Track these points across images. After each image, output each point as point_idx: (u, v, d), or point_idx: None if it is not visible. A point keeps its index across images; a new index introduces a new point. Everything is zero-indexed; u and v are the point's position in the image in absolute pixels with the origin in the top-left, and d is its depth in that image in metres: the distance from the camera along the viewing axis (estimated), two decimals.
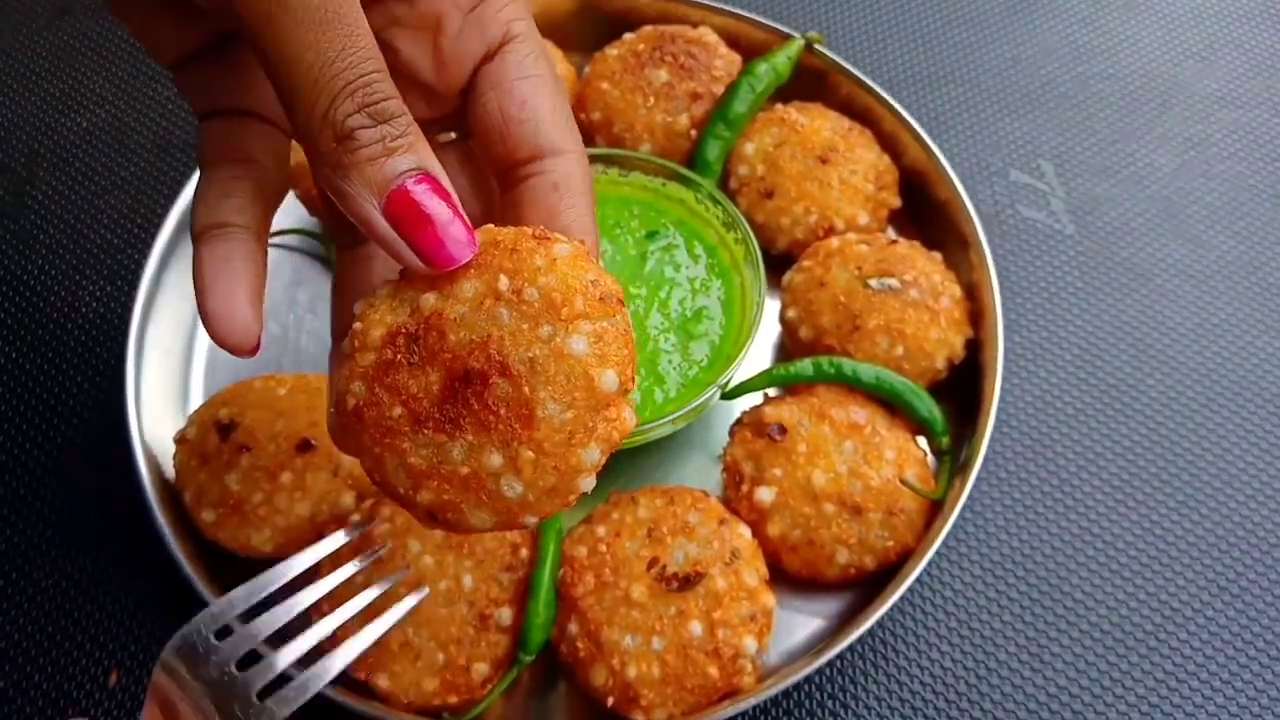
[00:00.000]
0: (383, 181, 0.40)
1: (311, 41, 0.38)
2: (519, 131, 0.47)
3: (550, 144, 0.47)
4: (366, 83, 0.39)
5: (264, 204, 0.48)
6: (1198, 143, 1.04)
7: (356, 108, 0.39)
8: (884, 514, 0.73)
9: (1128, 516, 0.81)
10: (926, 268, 0.83)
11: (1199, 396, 0.87)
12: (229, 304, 0.44)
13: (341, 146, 0.39)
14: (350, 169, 0.40)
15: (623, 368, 0.41)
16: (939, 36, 1.12)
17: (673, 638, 0.68)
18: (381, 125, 0.40)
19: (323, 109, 0.39)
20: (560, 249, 0.43)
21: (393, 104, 0.40)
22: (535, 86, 0.48)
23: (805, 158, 0.89)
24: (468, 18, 0.47)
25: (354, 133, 0.39)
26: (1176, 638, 0.76)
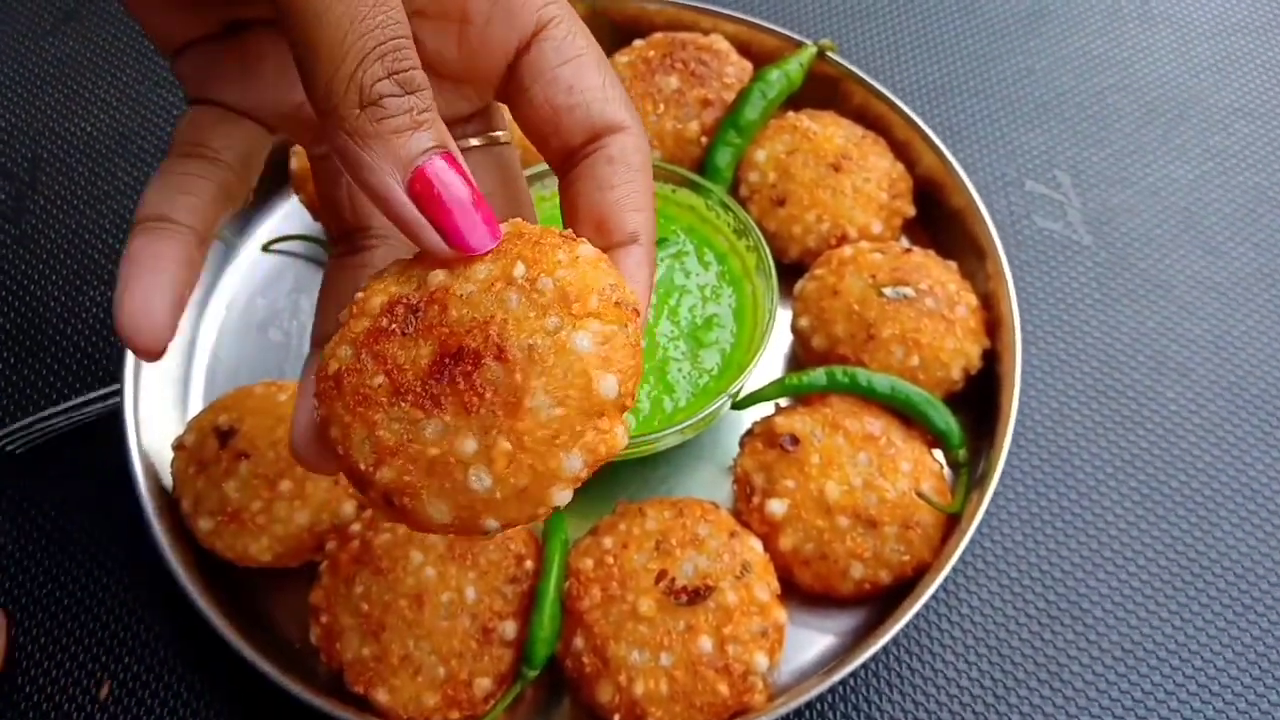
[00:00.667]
0: (408, 156, 0.37)
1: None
2: (570, 119, 0.44)
3: (605, 122, 0.44)
4: (396, 47, 0.37)
5: (217, 209, 0.45)
6: (1216, 154, 1.03)
7: (386, 73, 0.37)
8: (899, 527, 0.71)
9: (1148, 532, 0.79)
10: (942, 276, 0.81)
11: (1220, 409, 0.86)
12: (145, 303, 0.42)
13: (366, 114, 0.37)
14: (374, 139, 0.37)
15: (625, 377, 0.38)
16: (952, 47, 1.11)
17: (681, 653, 0.66)
18: (409, 95, 0.37)
19: (349, 70, 0.36)
20: (585, 249, 0.40)
21: (419, 75, 0.38)
22: (579, 68, 0.44)
23: (817, 165, 0.87)
24: (495, 6, 0.44)
25: (382, 100, 0.37)
26: (1200, 657, 0.74)
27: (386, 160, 0.37)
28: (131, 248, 0.43)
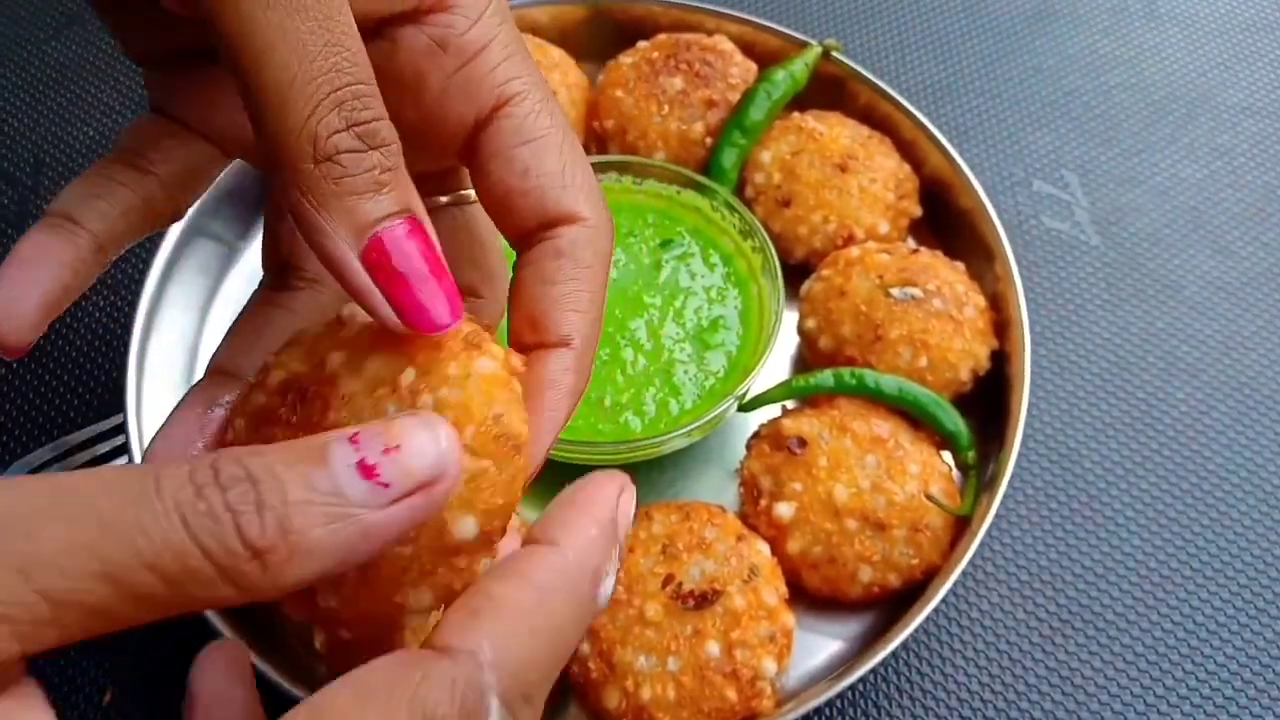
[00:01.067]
0: (365, 221, 0.33)
1: (289, 29, 0.31)
2: (524, 203, 0.40)
3: (559, 211, 0.40)
4: (356, 94, 0.32)
5: (132, 223, 0.43)
6: (1224, 153, 1.02)
7: (344, 124, 0.32)
8: (909, 530, 0.70)
9: (1160, 534, 0.79)
10: (950, 277, 0.80)
11: (1232, 410, 0.85)
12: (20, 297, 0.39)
13: (321, 170, 0.32)
14: (329, 200, 0.32)
15: (489, 518, 0.35)
16: (958, 46, 1.10)
17: (689, 658, 0.65)
18: (372, 151, 0.33)
19: (301, 119, 0.32)
20: (484, 364, 0.36)
21: (384, 126, 0.34)
22: (538, 150, 0.40)
23: (823, 165, 0.87)
24: (452, 79, 0.40)
25: (339, 155, 0.32)
26: (1214, 660, 0.73)
27: (342, 225, 0.33)
28: (24, 241, 0.40)
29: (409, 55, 0.39)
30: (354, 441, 0.30)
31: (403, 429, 0.31)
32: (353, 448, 0.30)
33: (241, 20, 0.31)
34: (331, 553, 0.29)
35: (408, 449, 0.30)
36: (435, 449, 0.31)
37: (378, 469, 0.30)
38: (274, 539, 0.28)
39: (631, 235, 0.83)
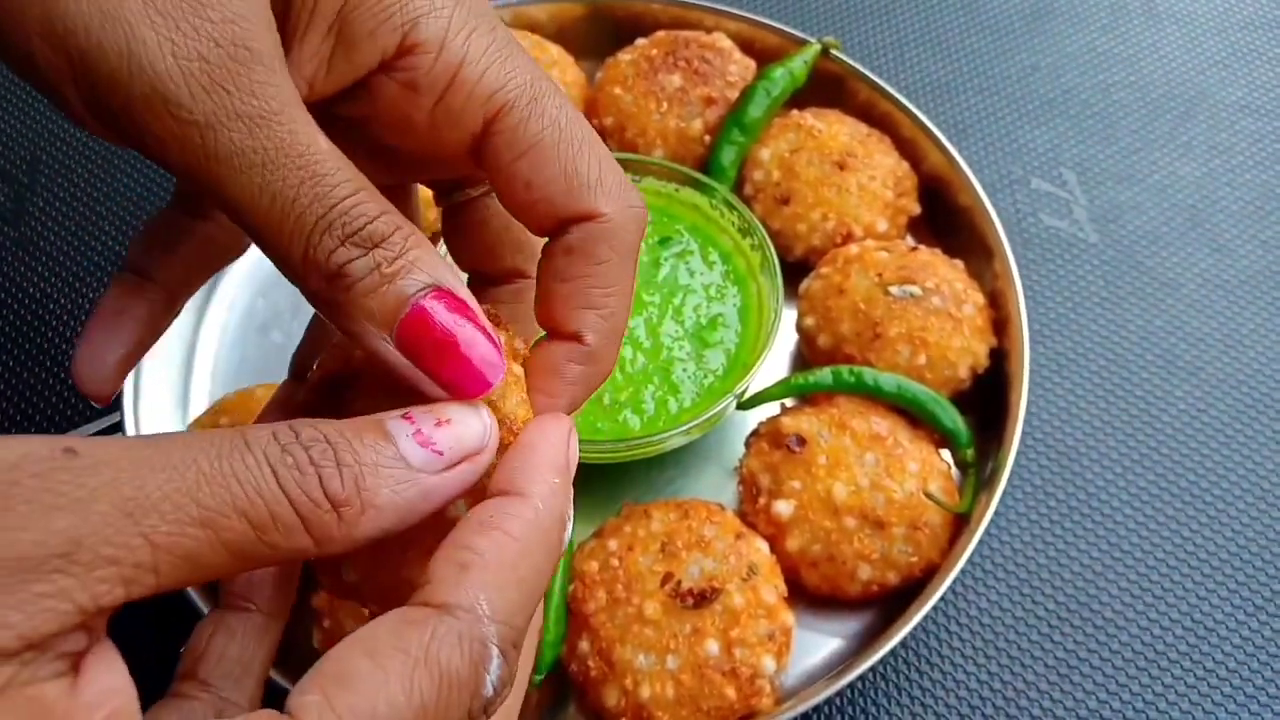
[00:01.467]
0: (388, 312, 0.35)
1: (262, 186, 0.34)
2: (535, 213, 0.41)
3: (568, 213, 0.40)
4: (343, 210, 0.34)
5: (198, 267, 0.46)
6: (1222, 151, 1.02)
7: (338, 241, 0.34)
8: (908, 528, 0.70)
9: (1159, 532, 0.79)
10: (949, 275, 0.80)
11: (1230, 408, 0.85)
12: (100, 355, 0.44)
13: (333, 285, 0.35)
14: (349, 306, 0.35)
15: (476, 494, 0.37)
16: (957, 44, 1.10)
17: (688, 657, 0.65)
18: (374, 250, 0.34)
19: (299, 252, 0.34)
20: None
21: (381, 223, 0.35)
22: (534, 160, 0.40)
23: (822, 163, 0.87)
24: (434, 113, 0.40)
25: (342, 269, 0.34)
26: (1212, 658, 0.73)
27: (365, 322, 0.35)
28: (105, 294, 0.45)
29: (387, 102, 0.40)
30: (407, 418, 0.34)
31: (450, 408, 0.35)
32: (407, 423, 0.34)
33: (223, 187, 0.34)
34: (396, 511, 0.33)
35: (457, 423, 0.35)
36: (480, 423, 0.35)
37: (433, 438, 0.34)
38: (350, 494, 0.31)
39: None
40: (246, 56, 0.34)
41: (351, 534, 0.32)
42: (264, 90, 0.34)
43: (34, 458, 0.27)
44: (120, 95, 0.33)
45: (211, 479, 0.29)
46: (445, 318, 0.35)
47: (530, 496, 0.36)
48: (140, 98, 0.33)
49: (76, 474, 0.27)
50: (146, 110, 0.33)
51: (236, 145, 0.33)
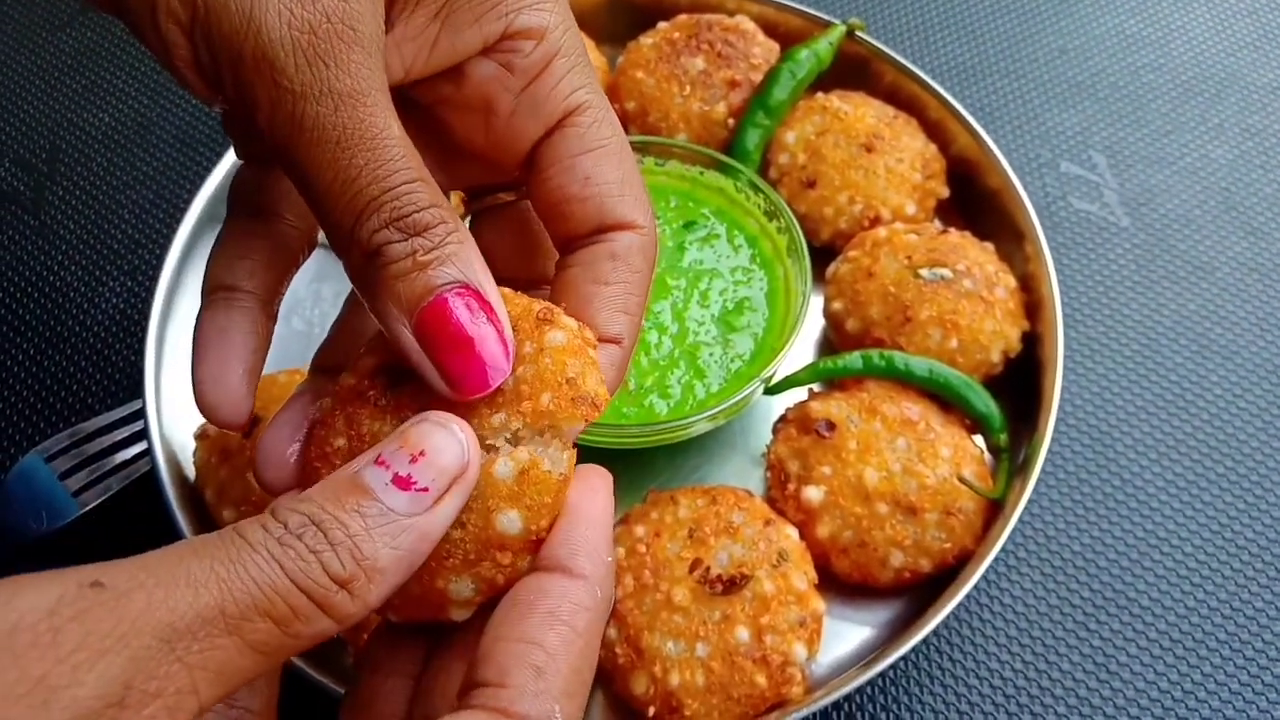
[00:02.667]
0: (412, 298, 0.37)
1: (330, 161, 0.36)
2: (582, 209, 0.43)
3: (615, 218, 0.43)
4: (395, 195, 0.37)
5: (279, 269, 0.46)
6: (1255, 133, 1.00)
7: (383, 223, 0.36)
8: (940, 514, 0.69)
9: (1195, 519, 0.77)
10: (979, 258, 0.79)
11: (1267, 393, 0.83)
12: (221, 377, 0.43)
13: (369, 263, 0.37)
14: (378, 285, 0.37)
15: (535, 515, 0.37)
16: (984, 26, 1.09)
17: (718, 644, 0.64)
18: (414, 238, 0.37)
19: (348, 227, 0.37)
20: (555, 336, 0.39)
21: (429, 214, 0.37)
22: (599, 159, 0.43)
23: (849, 146, 0.85)
24: (520, 98, 0.43)
25: (381, 249, 0.37)
26: (1252, 646, 0.72)
27: (390, 303, 0.37)
28: (201, 320, 0.44)
29: (477, 83, 0.43)
30: (381, 463, 0.34)
31: (419, 435, 0.35)
32: (382, 469, 0.34)
33: (297, 155, 0.36)
34: (401, 564, 0.34)
35: (432, 451, 0.35)
36: (456, 443, 0.35)
37: (412, 478, 0.34)
38: (352, 569, 0.32)
39: (655, 217, 0.82)
40: (351, 36, 0.36)
41: (367, 601, 0.33)
42: (358, 70, 0.36)
43: (68, 600, 0.28)
44: (232, 52, 0.36)
45: (232, 587, 0.30)
46: (464, 315, 0.37)
47: (591, 581, 0.36)
48: (250, 58, 0.35)
49: (112, 609, 0.29)
50: (254, 71, 0.36)
51: (321, 119, 0.36)
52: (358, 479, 0.34)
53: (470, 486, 0.36)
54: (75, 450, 0.78)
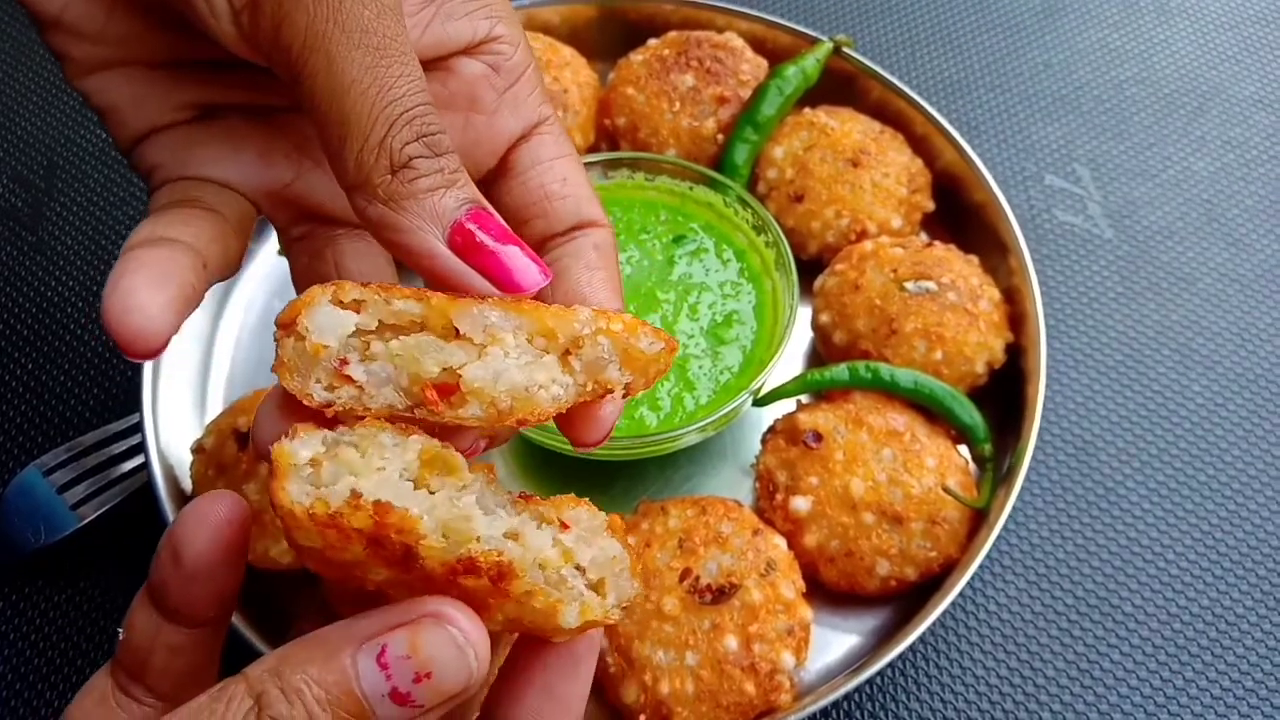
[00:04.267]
0: (445, 212, 0.38)
1: (370, 65, 0.37)
2: (561, 206, 0.46)
3: (589, 216, 0.46)
4: (423, 113, 0.38)
5: (221, 246, 0.43)
6: (1236, 145, 1.02)
7: (414, 136, 0.38)
8: (926, 523, 0.70)
9: (1177, 526, 0.78)
10: (964, 270, 0.80)
11: (1247, 403, 0.84)
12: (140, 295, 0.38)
13: (398, 178, 0.37)
14: (409, 200, 0.38)
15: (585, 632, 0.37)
16: (969, 42, 1.10)
17: (707, 652, 0.65)
18: (439, 157, 0.38)
19: (379, 136, 0.37)
20: None
21: (445, 138, 0.39)
22: (571, 165, 0.47)
23: (836, 161, 0.87)
24: (503, 97, 0.46)
25: (412, 161, 0.37)
26: (1233, 653, 0.73)
27: (424, 219, 0.38)
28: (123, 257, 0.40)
29: (464, 80, 0.46)
30: (383, 665, 0.32)
31: (431, 646, 0.33)
32: (383, 675, 0.32)
33: (331, 59, 0.36)
34: None
35: (439, 674, 0.33)
36: (467, 667, 0.33)
37: (412, 697, 0.33)
38: None
39: (644, 232, 0.83)
40: None
41: None
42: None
43: None
44: None
45: None
46: (495, 226, 0.39)
47: None
48: None
49: None
50: None
51: (366, 23, 0.37)
52: (353, 673, 0.33)
53: (468, 701, 0.35)
54: (73, 464, 0.79)
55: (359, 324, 0.37)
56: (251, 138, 0.46)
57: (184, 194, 0.44)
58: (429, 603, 0.33)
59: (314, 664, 0.32)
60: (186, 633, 0.39)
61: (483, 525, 0.34)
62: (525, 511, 0.37)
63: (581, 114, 0.93)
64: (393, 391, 0.37)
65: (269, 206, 0.47)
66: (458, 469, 0.36)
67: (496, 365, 0.37)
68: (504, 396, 0.37)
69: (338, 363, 0.37)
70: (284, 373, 0.37)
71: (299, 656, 0.32)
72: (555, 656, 0.38)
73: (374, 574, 0.35)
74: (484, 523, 0.35)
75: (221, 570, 0.38)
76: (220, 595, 0.38)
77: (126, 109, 0.44)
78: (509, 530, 0.35)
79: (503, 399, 0.37)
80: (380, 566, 0.34)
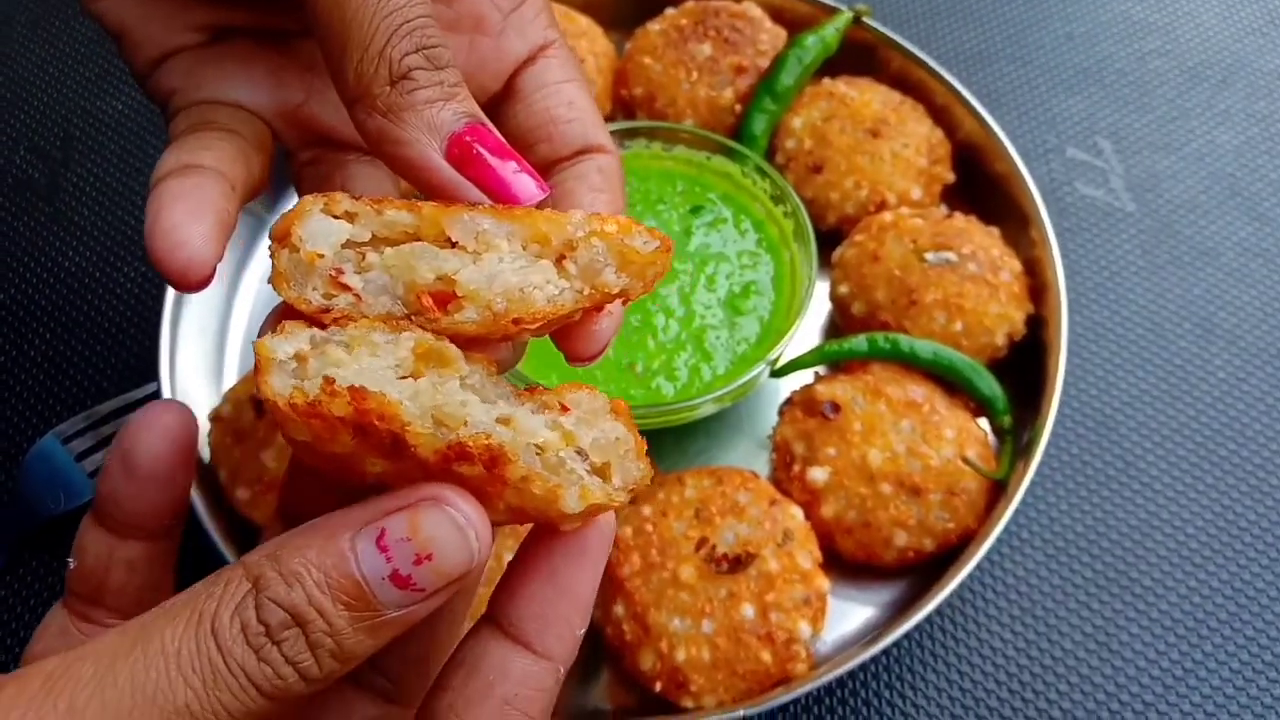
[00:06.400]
0: (443, 124, 0.38)
1: None
2: (567, 130, 0.46)
3: (596, 142, 0.46)
4: (423, 25, 0.38)
5: (245, 165, 0.43)
6: (1261, 119, 1.00)
7: (414, 48, 0.37)
8: (944, 494, 0.70)
9: (1198, 501, 0.78)
10: (985, 241, 0.80)
11: (1270, 377, 0.84)
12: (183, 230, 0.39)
13: (397, 89, 0.38)
14: (407, 111, 0.38)
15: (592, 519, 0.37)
16: (991, 12, 1.09)
17: (723, 620, 0.65)
18: (439, 71, 0.38)
19: (379, 46, 0.37)
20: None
21: (446, 51, 0.39)
22: (579, 89, 0.47)
23: (855, 131, 0.86)
24: (509, 19, 0.46)
25: (412, 73, 0.38)
26: (1253, 626, 0.73)
27: (422, 130, 0.38)
28: (157, 189, 0.40)
29: (469, 1, 0.46)
30: (383, 548, 0.32)
31: (431, 528, 0.32)
32: (383, 558, 0.32)
33: None
34: (375, 647, 0.33)
35: (439, 555, 0.32)
36: (468, 548, 0.33)
37: (412, 579, 0.32)
38: (330, 667, 0.32)
39: (661, 202, 0.83)
40: None
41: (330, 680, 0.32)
42: None
43: None
44: None
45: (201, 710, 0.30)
46: (492, 139, 0.39)
47: (555, 661, 0.36)
48: None
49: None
50: None
51: None
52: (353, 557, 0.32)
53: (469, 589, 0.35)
54: (91, 432, 0.79)
55: (352, 235, 0.37)
56: (263, 60, 0.47)
57: (201, 118, 0.44)
58: (427, 488, 0.33)
59: (312, 548, 0.32)
60: (142, 546, 0.40)
61: (476, 411, 0.34)
62: (527, 401, 0.36)
63: (598, 84, 0.92)
64: (390, 300, 0.37)
65: (281, 127, 0.47)
66: (453, 361, 0.36)
67: (491, 268, 0.36)
68: (499, 299, 0.36)
69: (333, 271, 0.36)
70: (280, 283, 0.36)
71: (296, 542, 0.32)
72: (563, 545, 0.37)
73: (371, 465, 0.34)
74: (479, 409, 0.34)
75: (175, 474, 0.39)
76: (173, 502, 0.40)
77: (139, 31, 0.45)
78: (502, 416, 0.34)
79: (498, 301, 0.36)
80: (375, 457, 0.34)
